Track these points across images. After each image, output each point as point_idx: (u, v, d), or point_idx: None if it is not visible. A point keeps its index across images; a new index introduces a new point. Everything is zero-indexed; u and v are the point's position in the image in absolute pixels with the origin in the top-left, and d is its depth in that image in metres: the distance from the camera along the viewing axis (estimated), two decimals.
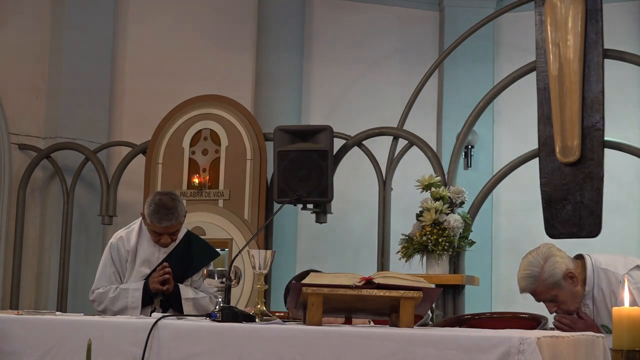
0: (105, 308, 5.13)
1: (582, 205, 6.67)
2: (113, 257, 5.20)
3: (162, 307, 5.14)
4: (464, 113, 7.51)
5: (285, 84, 8.63)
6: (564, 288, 4.17)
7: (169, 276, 5.04)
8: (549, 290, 4.17)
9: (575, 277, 4.19)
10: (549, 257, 4.19)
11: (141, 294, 5.07)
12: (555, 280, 4.15)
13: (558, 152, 6.73)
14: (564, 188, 6.72)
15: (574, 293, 4.19)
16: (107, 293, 5.14)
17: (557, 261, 4.18)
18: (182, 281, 5.18)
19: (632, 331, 2.77)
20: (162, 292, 5.10)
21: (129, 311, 5.06)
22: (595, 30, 6.72)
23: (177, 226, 5.09)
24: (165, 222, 5.03)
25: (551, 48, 6.77)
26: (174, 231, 5.11)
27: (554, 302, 4.20)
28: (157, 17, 8.60)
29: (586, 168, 6.68)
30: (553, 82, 6.76)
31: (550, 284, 4.16)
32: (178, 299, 5.11)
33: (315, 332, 3.20)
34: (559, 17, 6.77)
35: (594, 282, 4.22)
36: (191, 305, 5.10)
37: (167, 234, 5.09)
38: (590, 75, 6.70)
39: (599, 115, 6.68)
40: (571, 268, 4.20)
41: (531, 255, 4.25)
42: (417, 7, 9.03)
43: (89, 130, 8.18)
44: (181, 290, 5.13)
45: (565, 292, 4.17)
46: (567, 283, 4.17)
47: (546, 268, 4.16)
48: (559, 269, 4.17)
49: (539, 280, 4.16)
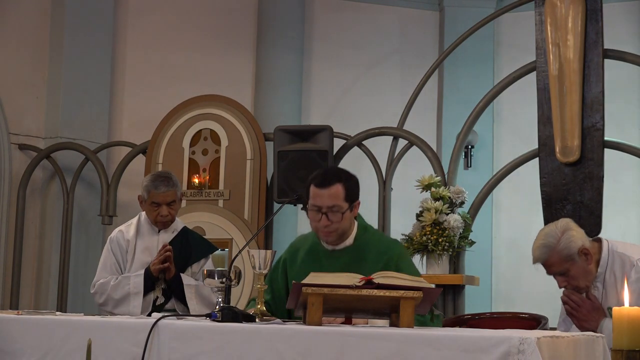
0: (107, 298, 5.17)
1: (582, 205, 6.67)
2: (113, 249, 5.29)
3: (165, 296, 5.18)
4: (464, 113, 7.51)
5: (285, 84, 8.63)
6: (577, 263, 4.20)
7: (169, 253, 5.09)
8: (562, 262, 4.20)
9: (589, 255, 4.21)
10: (567, 230, 4.23)
11: (143, 279, 5.12)
12: (570, 254, 4.18)
13: (558, 152, 6.73)
14: (564, 188, 6.72)
15: (587, 270, 4.21)
16: (108, 283, 5.20)
17: (574, 235, 4.22)
18: (183, 271, 5.23)
19: (632, 331, 2.77)
20: (164, 279, 5.14)
21: (131, 297, 5.10)
22: (595, 30, 6.72)
23: (173, 195, 5.20)
24: (162, 188, 5.16)
25: (551, 48, 6.78)
26: (171, 201, 5.20)
27: (565, 277, 4.22)
28: (157, 17, 8.59)
29: (586, 168, 6.68)
30: (553, 82, 6.76)
31: (565, 256, 4.18)
32: (180, 286, 5.15)
33: (315, 332, 3.20)
34: (559, 17, 6.77)
35: (608, 264, 4.24)
36: (193, 292, 5.15)
37: (165, 205, 5.18)
38: (590, 75, 6.70)
39: (599, 115, 6.68)
40: (587, 245, 4.23)
41: (549, 227, 4.30)
42: (417, 7, 9.03)
43: (89, 130, 8.18)
44: (183, 277, 5.19)
45: (578, 267, 4.20)
46: (581, 259, 4.19)
47: (562, 240, 4.19)
48: (575, 243, 4.20)
49: (554, 251, 4.19)
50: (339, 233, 4.07)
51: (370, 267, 3.97)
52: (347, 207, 4.02)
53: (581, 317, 4.19)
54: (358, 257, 4.06)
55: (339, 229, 4.05)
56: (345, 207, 4.01)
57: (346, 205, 4.01)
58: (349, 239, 4.12)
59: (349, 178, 4.08)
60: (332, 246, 4.12)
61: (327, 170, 4.28)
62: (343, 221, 4.03)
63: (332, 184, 4.00)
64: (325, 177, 4.04)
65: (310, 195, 4.03)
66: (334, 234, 4.06)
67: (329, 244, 4.12)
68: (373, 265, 4.02)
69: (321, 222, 4.01)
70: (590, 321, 4.17)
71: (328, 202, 3.99)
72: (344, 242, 4.11)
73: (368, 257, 4.07)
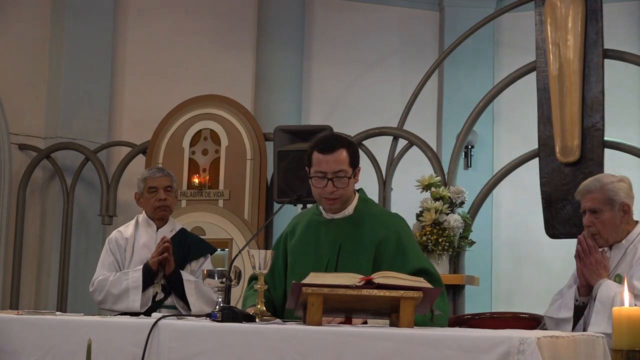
0: (105, 294, 5.18)
1: None
2: (111, 249, 5.34)
3: (164, 292, 5.19)
4: (464, 113, 7.51)
5: (285, 84, 8.63)
6: (613, 213, 4.27)
7: (168, 245, 5.12)
8: (602, 202, 4.27)
9: (628, 214, 4.29)
10: (622, 181, 4.32)
11: (141, 274, 5.15)
12: (613, 199, 4.26)
13: (558, 152, 6.73)
14: (564, 188, 6.72)
15: (616, 225, 4.28)
16: (106, 279, 5.22)
17: (626, 188, 4.31)
18: (182, 269, 5.26)
19: (632, 331, 2.77)
20: (164, 274, 5.16)
21: (130, 292, 5.12)
22: (595, 30, 6.73)
23: (169, 181, 5.33)
24: (158, 174, 5.33)
25: (551, 48, 6.78)
26: (168, 186, 5.31)
27: (595, 217, 4.28)
28: (157, 17, 8.59)
29: (586, 168, 6.67)
30: (553, 82, 6.76)
31: (607, 198, 4.26)
32: (180, 282, 5.16)
33: (315, 332, 3.20)
34: (559, 17, 6.77)
35: (635, 239, 4.29)
36: (193, 288, 5.17)
37: (162, 189, 5.29)
38: (590, 75, 6.71)
39: (599, 115, 6.68)
40: (631, 206, 4.31)
41: (611, 174, 4.41)
42: (417, 7, 9.03)
43: (89, 130, 8.18)
44: (182, 274, 5.21)
45: (611, 216, 4.27)
46: (618, 212, 4.27)
47: (615, 184, 4.28)
48: (623, 195, 4.28)
49: (602, 187, 4.27)
50: (342, 201, 4.04)
51: (368, 237, 3.99)
52: (351, 172, 4.01)
53: (587, 263, 4.22)
54: (357, 226, 4.04)
55: (343, 196, 4.02)
56: (350, 172, 4.00)
57: (351, 170, 4.01)
58: (349, 207, 4.09)
59: (351, 143, 4.08)
60: (332, 215, 4.10)
61: (329, 136, 4.25)
62: (348, 187, 4.01)
63: (336, 149, 3.98)
64: (329, 143, 4.02)
65: (314, 162, 4.01)
66: (338, 201, 4.03)
67: (332, 212, 4.09)
68: (371, 234, 4.02)
69: (327, 188, 3.98)
70: (593, 272, 4.21)
71: (334, 167, 3.97)
72: (344, 211, 4.09)
73: (367, 226, 4.04)
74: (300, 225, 4.21)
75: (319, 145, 4.02)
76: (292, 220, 4.33)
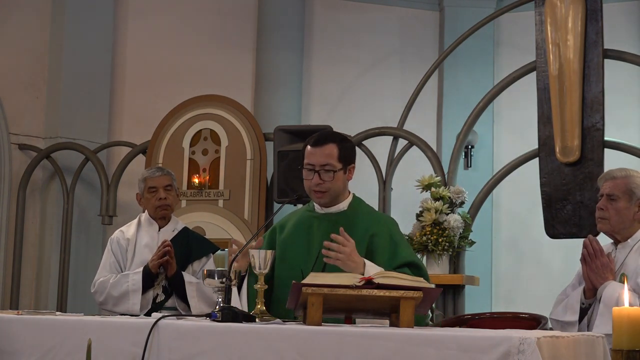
0: (106, 296, 5.20)
1: (582, 205, 6.67)
2: (113, 249, 5.36)
3: (165, 293, 5.19)
4: (464, 113, 7.51)
5: (285, 84, 8.63)
6: (629, 205, 4.30)
7: (169, 249, 5.11)
8: (622, 191, 4.31)
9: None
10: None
11: (141, 276, 5.16)
12: (634, 191, 4.31)
13: (558, 152, 6.73)
14: (564, 188, 6.72)
15: (628, 217, 4.31)
16: (107, 281, 5.24)
17: None
18: (184, 269, 5.25)
19: (632, 331, 2.77)
20: (165, 276, 5.16)
21: (130, 295, 5.13)
22: (595, 30, 6.73)
23: (169, 180, 5.35)
24: (157, 173, 5.36)
25: (551, 48, 6.78)
26: (168, 185, 5.32)
27: (610, 203, 4.31)
28: (157, 17, 8.59)
29: (586, 168, 6.68)
30: (553, 82, 6.76)
31: (628, 189, 4.31)
32: (181, 284, 5.16)
33: (315, 332, 3.20)
34: (559, 17, 6.77)
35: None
36: (194, 290, 5.17)
37: (162, 188, 5.31)
38: (590, 75, 6.70)
39: (599, 115, 6.68)
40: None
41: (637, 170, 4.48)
42: (417, 7, 9.03)
43: (89, 130, 8.18)
44: (184, 275, 5.22)
45: (626, 207, 4.30)
46: (634, 205, 4.30)
47: (639, 178, 4.34)
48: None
49: (626, 178, 4.33)
50: (331, 195, 4.12)
51: (361, 230, 4.06)
52: (340, 167, 4.09)
53: (593, 267, 4.23)
54: (349, 221, 4.10)
55: (330, 190, 4.10)
56: (338, 167, 4.08)
57: (339, 165, 4.09)
58: (343, 203, 4.18)
59: (343, 140, 4.18)
60: (326, 209, 4.16)
61: (323, 131, 4.40)
62: (335, 181, 4.09)
63: (325, 143, 4.10)
64: (319, 137, 4.14)
65: (305, 155, 4.12)
66: (326, 194, 4.11)
67: (322, 206, 4.17)
68: (365, 228, 4.09)
69: (313, 180, 4.08)
70: (599, 275, 4.21)
71: (321, 160, 4.06)
72: (338, 206, 4.17)
73: (359, 223, 4.11)
74: (291, 221, 4.29)
75: (311, 140, 4.14)
76: (283, 218, 4.38)
